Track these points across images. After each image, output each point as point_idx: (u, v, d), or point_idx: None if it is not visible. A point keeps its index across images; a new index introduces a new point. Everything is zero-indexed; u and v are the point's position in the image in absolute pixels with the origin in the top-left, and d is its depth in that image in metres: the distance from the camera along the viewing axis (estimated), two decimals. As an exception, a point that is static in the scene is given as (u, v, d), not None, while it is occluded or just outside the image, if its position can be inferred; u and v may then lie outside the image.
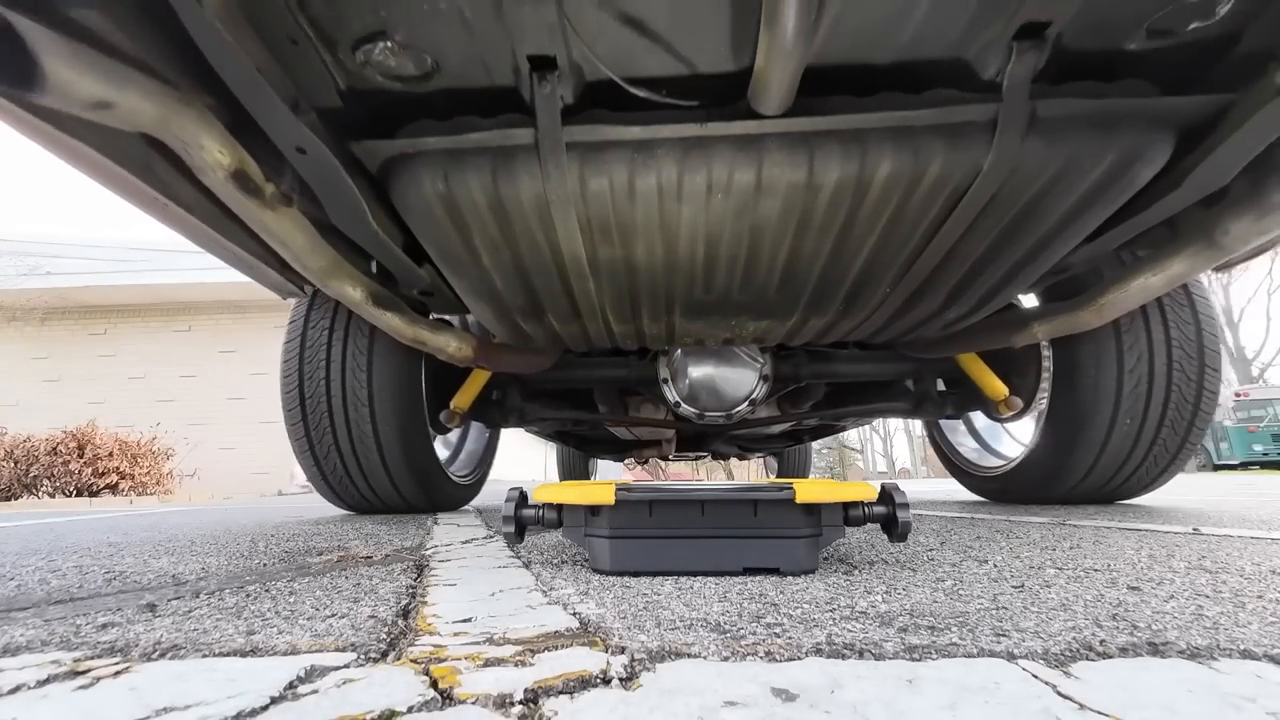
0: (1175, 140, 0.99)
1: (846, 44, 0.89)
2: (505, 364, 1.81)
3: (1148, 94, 0.95)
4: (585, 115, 0.98)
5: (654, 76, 0.94)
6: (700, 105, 0.97)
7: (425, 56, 0.90)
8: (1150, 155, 0.99)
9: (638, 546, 0.87)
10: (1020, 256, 1.25)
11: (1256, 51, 0.90)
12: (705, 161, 1.01)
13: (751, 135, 0.98)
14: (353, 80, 0.95)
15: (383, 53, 0.88)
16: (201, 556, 1.16)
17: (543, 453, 19.16)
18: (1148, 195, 1.10)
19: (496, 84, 0.96)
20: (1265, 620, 0.58)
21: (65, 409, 7.18)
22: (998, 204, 1.09)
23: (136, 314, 8.14)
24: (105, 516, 3.03)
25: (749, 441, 4.16)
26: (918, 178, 1.02)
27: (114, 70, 0.71)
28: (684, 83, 0.95)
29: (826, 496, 0.84)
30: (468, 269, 1.30)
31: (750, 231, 1.18)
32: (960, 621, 0.59)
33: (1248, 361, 19.49)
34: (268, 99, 0.87)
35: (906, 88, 0.96)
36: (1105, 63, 0.93)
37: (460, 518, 1.95)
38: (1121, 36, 0.89)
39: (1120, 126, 0.96)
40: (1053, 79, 0.94)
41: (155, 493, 5.85)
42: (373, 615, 0.65)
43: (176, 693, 0.43)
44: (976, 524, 1.54)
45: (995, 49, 0.88)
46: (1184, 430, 1.78)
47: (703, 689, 0.42)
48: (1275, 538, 1.18)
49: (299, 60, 0.89)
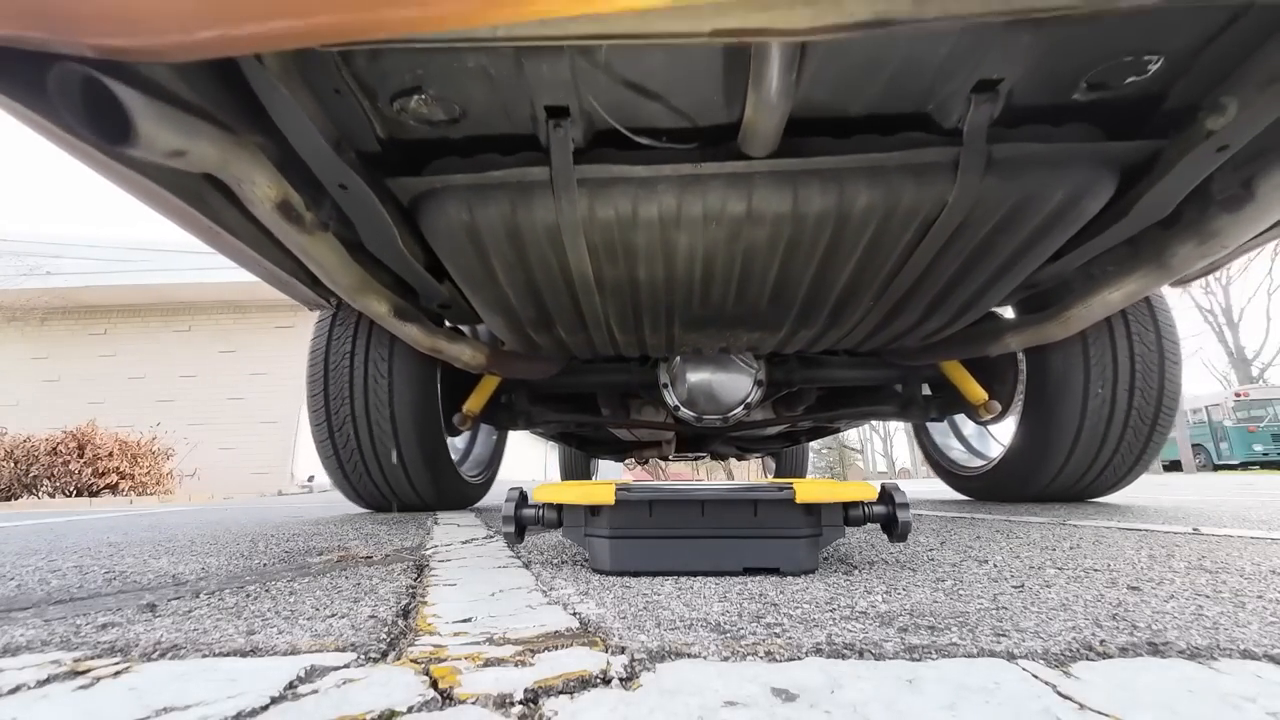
0: (1119, 178, 1.13)
1: (825, 97, 1.02)
2: (515, 370, 1.94)
3: (1094, 137, 1.08)
4: (594, 155, 1.10)
5: (654, 127, 1.08)
6: (696, 147, 1.10)
7: (454, 105, 1.03)
8: (1096, 191, 1.12)
9: (638, 546, 0.87)
10: (987, 277, 1.40)
11: (1185, 104, 1.03)
12: (701, 195, 1.13)
13: (742, 173, 1.10)
14: (389, 126, 1.09)
15: (417, 103, 1.01)
16: (201, 556, 1.16)
17: (543, 452, 19.15)
18: (1099, 223, 1.25)
19: (516, 128, 1.09)
20: (1265, 620, 0.58)
21: (65, 409, 7.17)
22: (963, 232, 1.21)
23: (136, 314, 8.13)
24: (105, 516, 3.03)
25: (746, 442, 4.30)
26: (891, 210, 1.14)
27: (188, 123, 0.81)
28: (681, 130, 1.08)
29: (826, 496, 0.84)
30: (485, 287, 1.43)
31: (742, 254, 1.30)
32: (960, 621, 0.59)
33: (1248, 362, 19.48)
34: (315, 142, 1.00)
35: (880, 130, 1.08)
36: (1055, 110, 1.06)
37: (460, 517, 1.95)
38: (1067, 89, 1.01)
39: (1068, 166, 1.09)
40: (1009, 124, 1.07)
41: (155, 493, 5.84)
42: (373, 615, 0.65)
43: (176, 693, 0.43)
44: (976, 524, 1.54)
45: (956, 100, 1.00)
46: (1146, 433, 1.91)
47: (703, 689, 0.42)
48: (1275, 538, 1.18)
49: (343, 109, 1.02)
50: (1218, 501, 2.39)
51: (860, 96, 1.02)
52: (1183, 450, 13.06)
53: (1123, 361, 1.85)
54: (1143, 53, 0.94)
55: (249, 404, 7.65)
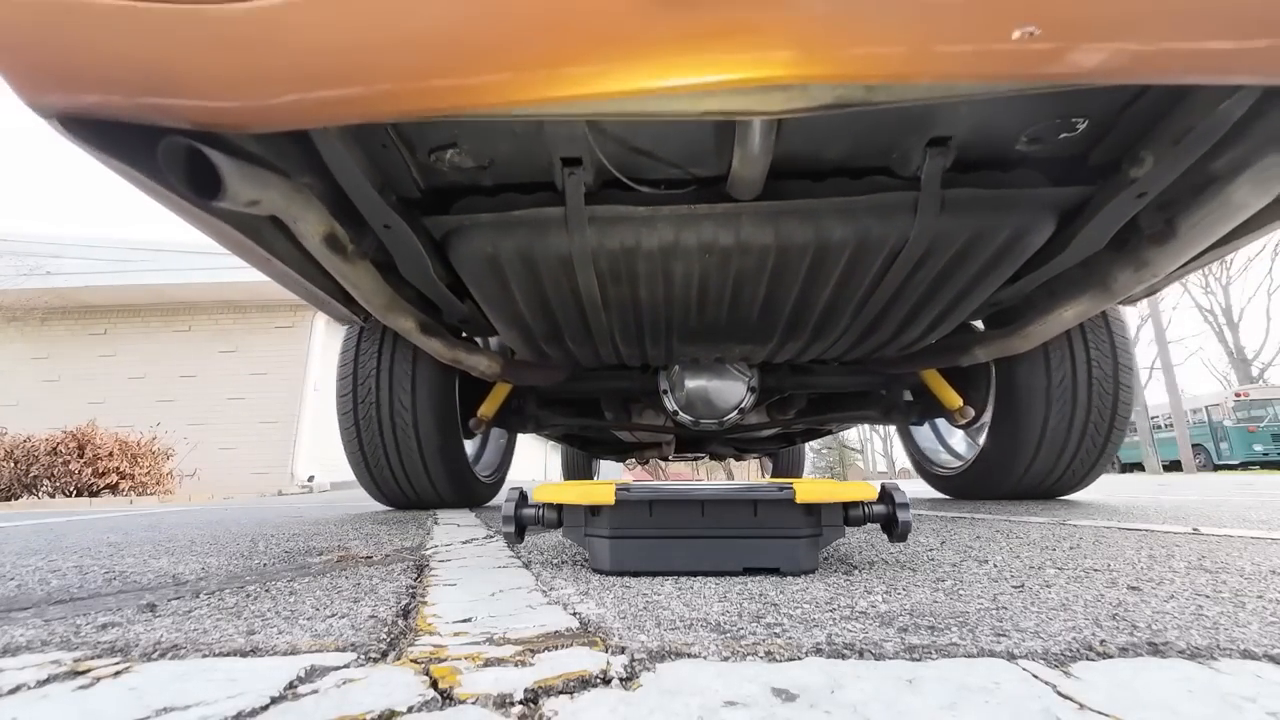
0: (1058, 217, 1.31)
1: (801, 151, 1.19)
2: (526, 378, 2.12)
3: (1038, 183, 1.25)
4: (602, 196, 1.27)
5: (655, 177, 1.26)
6: (691, 190, 1.28)
7: (483, 156, 1.20)
8: (1038, 228, 1.30)
9: (638, 546, 0.87)
10: (950, 299, 1.58)
11: (1111, 156, 1.22)
12: (695, 229, 1.29)
13: (731, 213, 1.26)
14: (426, 173, 1.27)
15: (451, 155, 1.19)
16: (201, 556, 1.16)
17: (543, 453, 19.13)
18: (1044, 254, 1.44)
19: (535, 174, 1.26)
20: (1265, 620, 0.58)
21: (65, 409, 7.17)
22: (925, 262, 1.39)
23: (136, 314, 8.13)
24: (105, 516, 3.03)
25: (743, 443, 4.54)
26: (861, 243, 1.31)
27: (262, 176, 0.96)
28: (678, 179, 1.27)
29: (826, 496, 0.84)
30: (504, 306, 1.60)
31: (733, 279, 1.47)
32: (960, 621, 0.59)
33: (1248, 362, 19.46)
34: (363, 187, 1.17)
35: (850, 175, 1.25)
36: (1003, 159, 1.24)
37: (460, 517, 1.95)
38: (1010, 143, 1.19)
39: (1012, 208, 1.25)
40: (964, 170, 1.23)
41: (155, 493, 5.84)
42: (373, 615, 0.65)
43: (176, 693, 0.43)
44: (976, 524, 1.54)
45: (913, 153, 1.17)
46: (1104, 436, 2.08)
47: (703, 689, 0.42)
48: (1275, 538, 1.17)
49: (388, 160, 1.20)
50: (1218, 501, 2.39)
51: (832, 150, 1.20)
52: (1183, 450, 13.05)
53: (1080, 372, 2.03)
54: (1070, 116, 1.12)
55: (249, 404, 7.65)
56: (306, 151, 1.11)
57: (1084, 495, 2.93)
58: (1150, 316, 15.11)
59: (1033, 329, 1.61)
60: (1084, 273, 1.48)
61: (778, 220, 1.27)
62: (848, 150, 1.20)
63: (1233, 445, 13.64)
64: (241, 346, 7.92)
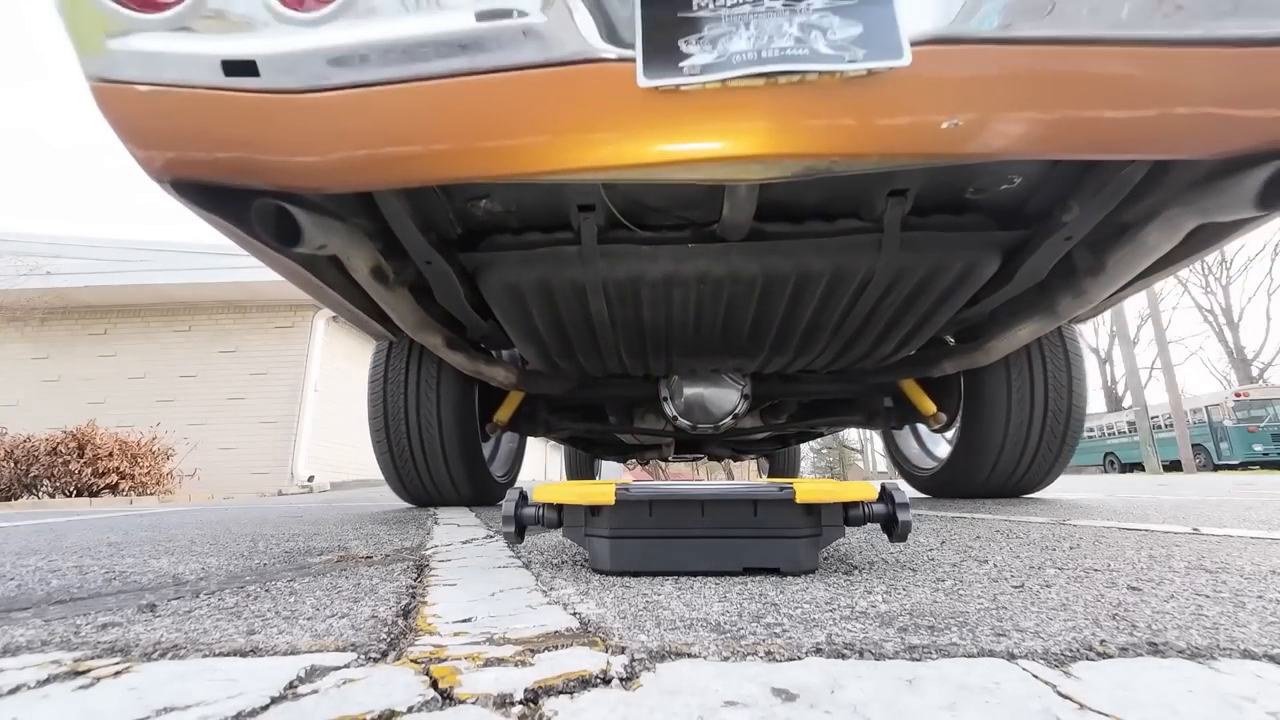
0: (1001, 254, 1.54)
1: (781, 199, 1.40)
2: (538, 387, 2.36)
3: (986, 226, 1.49)
4: (612, 235, 1.49)
5: (658, 223, 1.50)
6: (688, 232, 1.49)
7: (511, 204, 1.45)
8: (985, 264, 1.52)
9: (638, 546, 0.87)
10: (914, 320, 1.80)
11: (1045, 205, 1.45)
12: (692, 262, 1.50)
13: (722, 250, 1.48)
14: (462, 216, 1.51)
15: (485, 203, 1.43)
16: (201, 556, 1.16)
17: (543, 452, 19.12)
18: (994, 283, 1.68)
19: (554, 217, 1.50)
20: (1265, 620, 0.58)
21: (65, 409, 7.17)
22: (890, 290, 1.61)
23: (136, 314, 8.12)
24: (105, 516, 3.03)
25: (739, 445, 4.83)
26: (834, 275, 1.53)
27: (330, 224, 1.14)
28: (676, 224, 1.50)
29: (826, 496, 0.84)
30: (524, 326, 1.82)
31: (725, 303, 1.68)
32: (960, 621, 0.59)
33: (1248, 361, 19.45)
34: (410, 230, 1.39)
35: (825, 219, 1.47)
36: (957, 204, 1.48)
37: (460, 517, 1.95)
38: (960, 192, 1.43)
39: (962, 246, 1.48)
40: (922, 214, 1.46)
41: (155, 493, 5.84)
42: (373, 615, 0.65)
43: (176, 693, 0.43)
44: (976, 524, 1.54)
45: (877, 201, 1.38)
46: (1059, 440, 2.28)
47: (703, 689, 0.42)
48: (1275, 538, 1.17)
49: (432, 206, 1.45)
50: (1218, 501, 2.38)
51: (807, 199, 1.43)
52: (1183, 450, 13.05)
53: (1038, 384, 2.25)
54: (1006, 174, 1.36)
55: (249, 404, 7.64)
56: (365, 202, 1.34)
57: (1084, 495, 2.94)
58: (1150, 316, 15.10)
59: (993, 345, 1.85)
60: (1034, 297, 1.71)
61: (762, 255, 1.48)
62: (821, 199, 1.43)
63: (1233, 445, 13.64)
64: (241, 346, 7.92)
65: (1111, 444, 17.18)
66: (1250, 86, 0.83)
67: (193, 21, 0.82)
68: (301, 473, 7.12)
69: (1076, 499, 2.59)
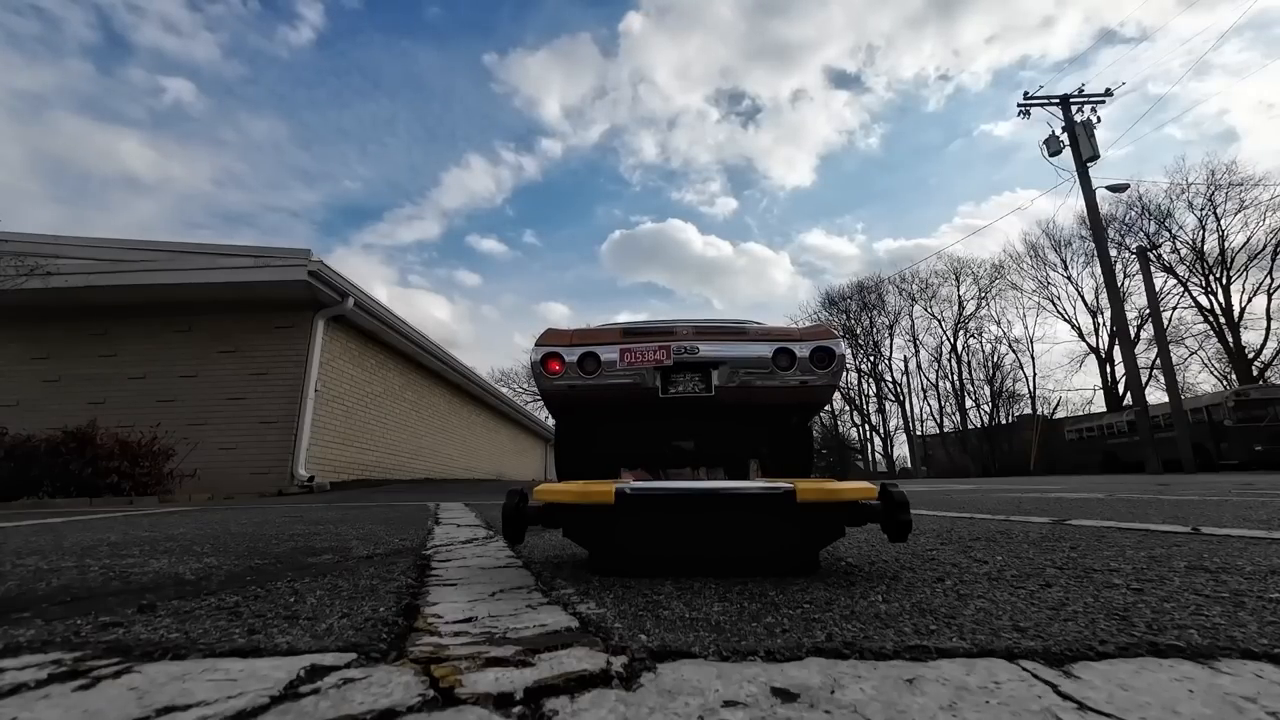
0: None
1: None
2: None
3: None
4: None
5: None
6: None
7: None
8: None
9: (638, 545, 0.87)
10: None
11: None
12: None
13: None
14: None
15: None
16: (201, 556, 1.16)
17: (543, 453, 19.14)
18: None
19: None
20: (1265, 620, 0.58)
21: (65, 409, 7.17)
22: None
23: (136, 314, 8.12)
24: (105, 516, 3.03)
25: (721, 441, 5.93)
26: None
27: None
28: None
29: (826, 496, 0.84)
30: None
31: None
32: (960, 621, 0.59)
33: (1248, 362, 19.45)
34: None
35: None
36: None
37: (460, 517, 1.95)
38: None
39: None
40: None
41: (155, 493, 5.83)
42: (373, 615, 0.65)
43: (176, 692, 0.43)
44: (976, 524, 1.54)
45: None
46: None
47: (703, 689, 0.42)
48: (1275, 538, 1.17)
49: None
50: (1218, 501, 2.38)
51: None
52: (1183, 450, 13.04)
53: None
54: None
55: (249, 404, 7.64)
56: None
57: (1083, 495, 2.94)
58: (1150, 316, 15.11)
59: None
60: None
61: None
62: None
63: (1233, 445, 13.63)
64: (241, 346, 7.91)
65: (1112, 444, 17.19)
66: None
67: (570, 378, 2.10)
68: (302, 473, 7.11)
69: (1077, 499, 2.59)
